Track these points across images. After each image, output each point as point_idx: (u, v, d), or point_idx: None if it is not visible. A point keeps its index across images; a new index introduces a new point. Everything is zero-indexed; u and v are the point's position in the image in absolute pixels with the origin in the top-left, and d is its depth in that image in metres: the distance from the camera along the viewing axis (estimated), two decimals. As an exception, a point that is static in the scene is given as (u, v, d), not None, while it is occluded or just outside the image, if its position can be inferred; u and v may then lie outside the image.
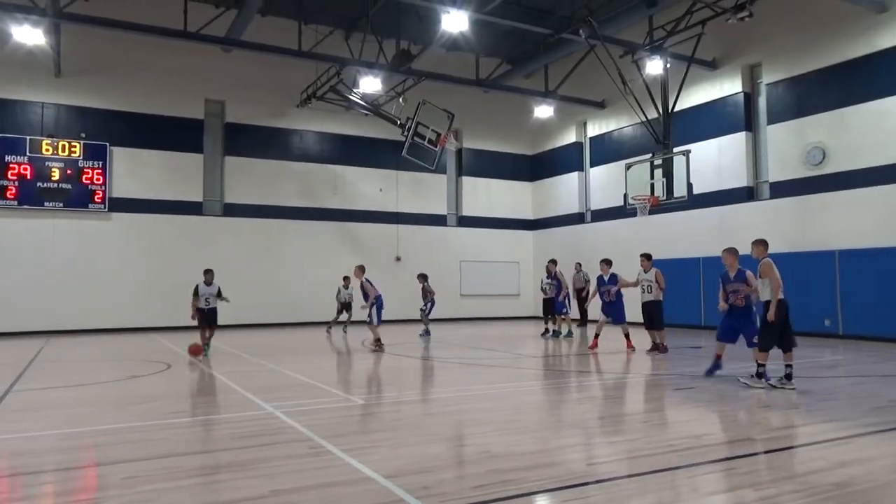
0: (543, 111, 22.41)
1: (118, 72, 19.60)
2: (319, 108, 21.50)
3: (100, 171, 19.15)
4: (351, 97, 19.64)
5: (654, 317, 11.87)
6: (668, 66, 16.99)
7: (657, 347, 11.97)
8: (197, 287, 12.24)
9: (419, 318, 17.22)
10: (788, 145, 16.81)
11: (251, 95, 21.42)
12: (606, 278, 12.78)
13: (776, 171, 17.19)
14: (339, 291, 18.09)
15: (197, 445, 5.59)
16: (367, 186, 23.37)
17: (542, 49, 20.38)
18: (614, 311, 12.68)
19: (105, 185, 19.20)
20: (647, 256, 12.22)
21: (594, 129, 23.46)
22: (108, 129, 19.45)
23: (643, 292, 12.02)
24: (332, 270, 19.63)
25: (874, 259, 14.49)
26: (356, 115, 21.72)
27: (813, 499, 3.89)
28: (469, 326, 17.18)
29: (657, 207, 16.55)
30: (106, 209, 19.23)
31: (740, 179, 18.06)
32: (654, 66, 16.98)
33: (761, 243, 8.24)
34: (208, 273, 12.38)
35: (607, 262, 12.97)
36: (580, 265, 18.90)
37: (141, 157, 19.94)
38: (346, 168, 23.01)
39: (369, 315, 12.83)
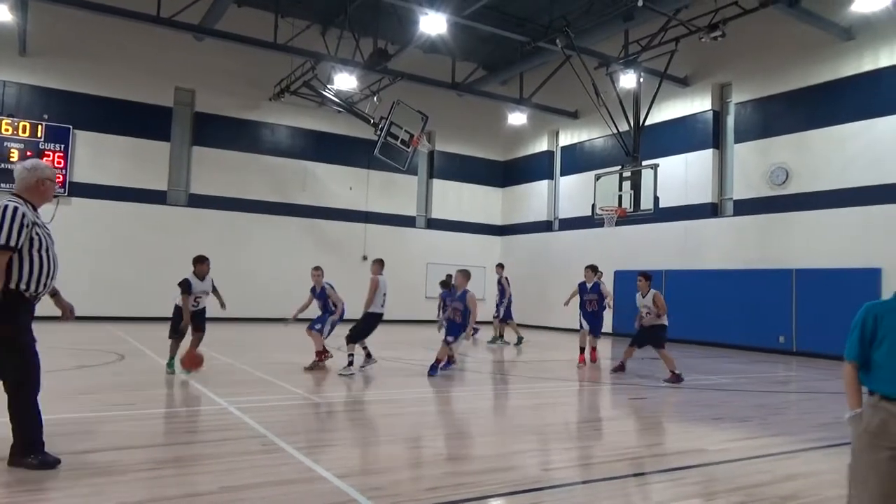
0: (517, 118, 22.54)
1: (86, 54, 19.08)
2: (292, 102, 21.28)
3: (61, 154, 18.61)
4: (325, 93, 19.48)
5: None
6: (641, 80, 17.23)
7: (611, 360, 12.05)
8: (188, 283, 8.75)
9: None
10: (753, 164, 17.18)
11: (223, 86, 21.08)
12: (589, 286, 12.25)
13: (740, 189, 17.56)
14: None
15: (144, 439, 5.44)
16: (337, 184, 23.19)
17: (518, 56, 20.46)
18: (595, 321, 12.16)
19: (66, 169, 18.65)
20: (593, 268, 12.47)
21: (566, 139, 23.66)
22: (72, 112, 18.91)
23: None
24: (299, 266, 19.38)
25: (830, 279, 14.88)
26: (329, 111, 21.54)
27: (758, 510, 3.95)
28: (434, 329, 17.13)
29: (624, 219, 16.75)
30: (66, 194, 18.67)
31: (705, 195, 18.40)
32: (628, 80, 17.22)
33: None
34: (202, 262, 8.89)
35: (593, 269, 12.49)
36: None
37: (105, 142, 19.44)
38: (317, 164, 22.81)
39: (326, 324, 10.04)
